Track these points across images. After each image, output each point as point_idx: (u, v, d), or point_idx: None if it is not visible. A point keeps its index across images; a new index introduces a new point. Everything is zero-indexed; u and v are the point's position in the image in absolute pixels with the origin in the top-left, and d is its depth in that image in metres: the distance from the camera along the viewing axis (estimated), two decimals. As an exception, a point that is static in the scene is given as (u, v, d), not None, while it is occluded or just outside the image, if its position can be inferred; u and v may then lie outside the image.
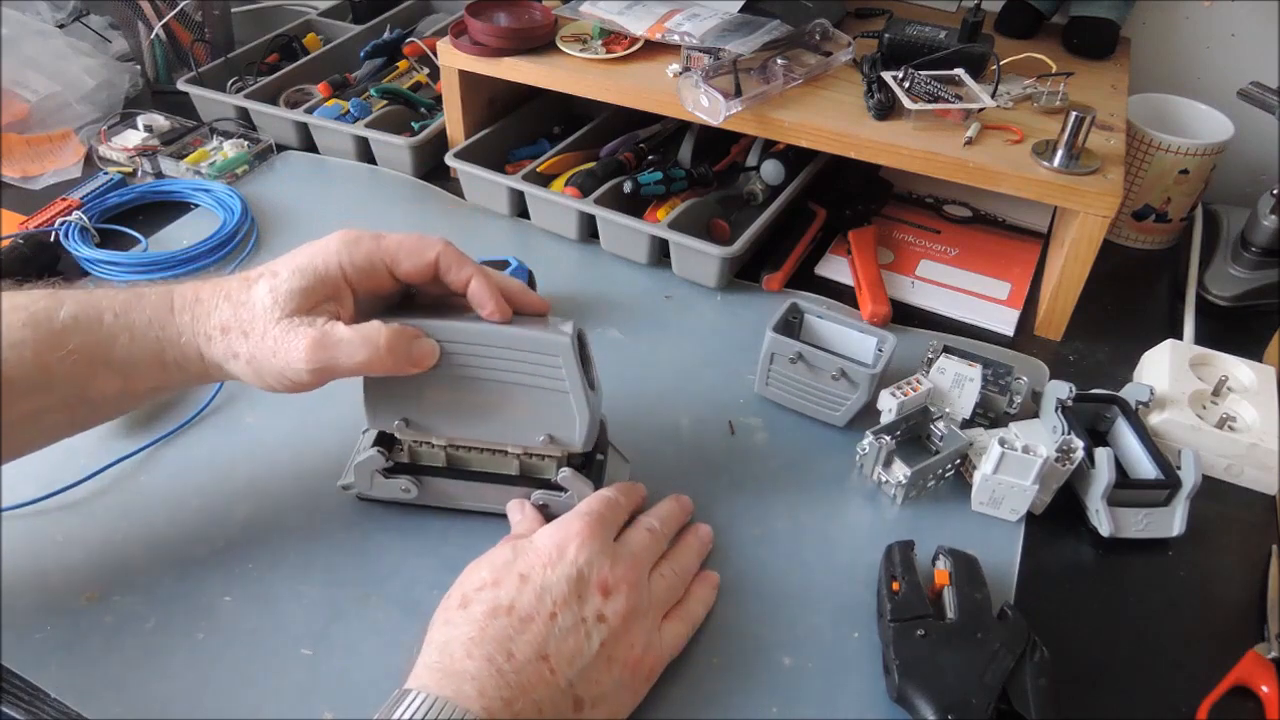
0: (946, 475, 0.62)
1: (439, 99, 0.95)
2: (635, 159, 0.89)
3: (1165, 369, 0.67)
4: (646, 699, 0.49)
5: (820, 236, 0.86)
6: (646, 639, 0.48)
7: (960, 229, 0.89)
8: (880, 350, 0.65)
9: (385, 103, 0.97)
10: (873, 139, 0.73)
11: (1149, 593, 0.57)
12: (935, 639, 0.50)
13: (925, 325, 0.77)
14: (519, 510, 0.56)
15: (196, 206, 0.88)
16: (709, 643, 0.52)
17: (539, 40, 0.84)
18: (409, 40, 1.06)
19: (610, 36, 0.85)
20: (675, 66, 0.81)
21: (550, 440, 0.53)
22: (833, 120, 0.75)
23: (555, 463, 0.55)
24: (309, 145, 0.97)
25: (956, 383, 0.65)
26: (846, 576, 0.56)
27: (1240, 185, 0.92)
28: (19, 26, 1.01)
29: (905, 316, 0.78)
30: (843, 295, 0.80)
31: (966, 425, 0.65)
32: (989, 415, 0.66)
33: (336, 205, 0.89)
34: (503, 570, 0.48)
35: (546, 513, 0.55)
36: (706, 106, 0.75)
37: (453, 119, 0.91)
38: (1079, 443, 0.59)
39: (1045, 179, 0.69)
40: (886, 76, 0.77)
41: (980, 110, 0.75)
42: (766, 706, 0.50)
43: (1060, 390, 0.64)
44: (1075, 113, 0.68)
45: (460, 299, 0.52)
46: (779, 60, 0.80)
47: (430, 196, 0.91)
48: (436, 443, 0.55)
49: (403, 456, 0.56)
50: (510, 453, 0.55)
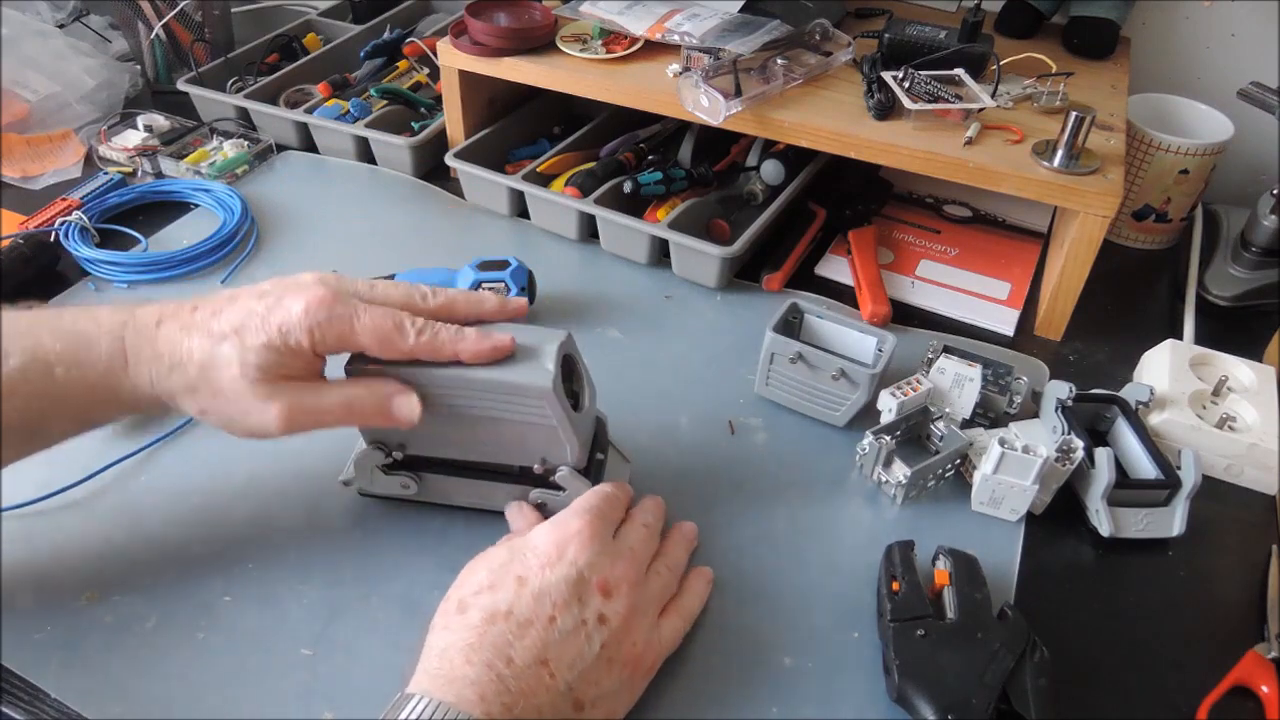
0: (946, 475, 0.62)
1: (439, 99, 0.95)
2: (635, 159, 0.89)
3: (1165, 369, 0.67)
4: (647, 699, 0.49)
5: (820, 236, 0.86)
6: (646, 637, 0.48)
7: (960, 229, 0.89)
8: (880, 350, 0.65)
9: (385, 103, 0.97)
10: (873, 139, 0.73)
11: (1149, 593, 0.57)
12: (935, 639, 0.50)
13: (925, 325, 0.77)
14: (518, 512, 0.56)
15: (196, 206, 0.88)
16: (709, 643, 0.52)
17: (539, 40, 0.84)
18: (409, 40, 1.06)
19: (610, 36, 0.85)
20: (675, 66, 0.81)
21: (544, 462, 0.54)
22: (833, 120, 0.75)
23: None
24: (309, 145, 0.97)
25: (956, 383, 0.65)
26: (846, 576, 0.56)
27: (1240, 185, 0.92)
28: (19, 26, 1.01)
29: (905, 316, 0.78)
30: (843, 295, 0.80)
31: (966, 425, 0.65)
32: (989, 415, 0.66)
33: (336, 205, 0.89)
34: (500, 573, 0.47)
35: (544, 511, 0.55)
36: (706, 106, 0.75)
37: (453, 119, 0.91)
38: (1079, 443, 0.59)
39: (1045, 179, 0.69)
40: (886, 76, 0.77)
41: (980, 110, 0.75)
42: (766, 706, 0.50)
43: (1060, 390, 0.64)
44: (1075, 113, 0.68)
45: None
46: (779, 60, 0.80)
47: (430, 196, 0.91)
48: None
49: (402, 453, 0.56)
50: None
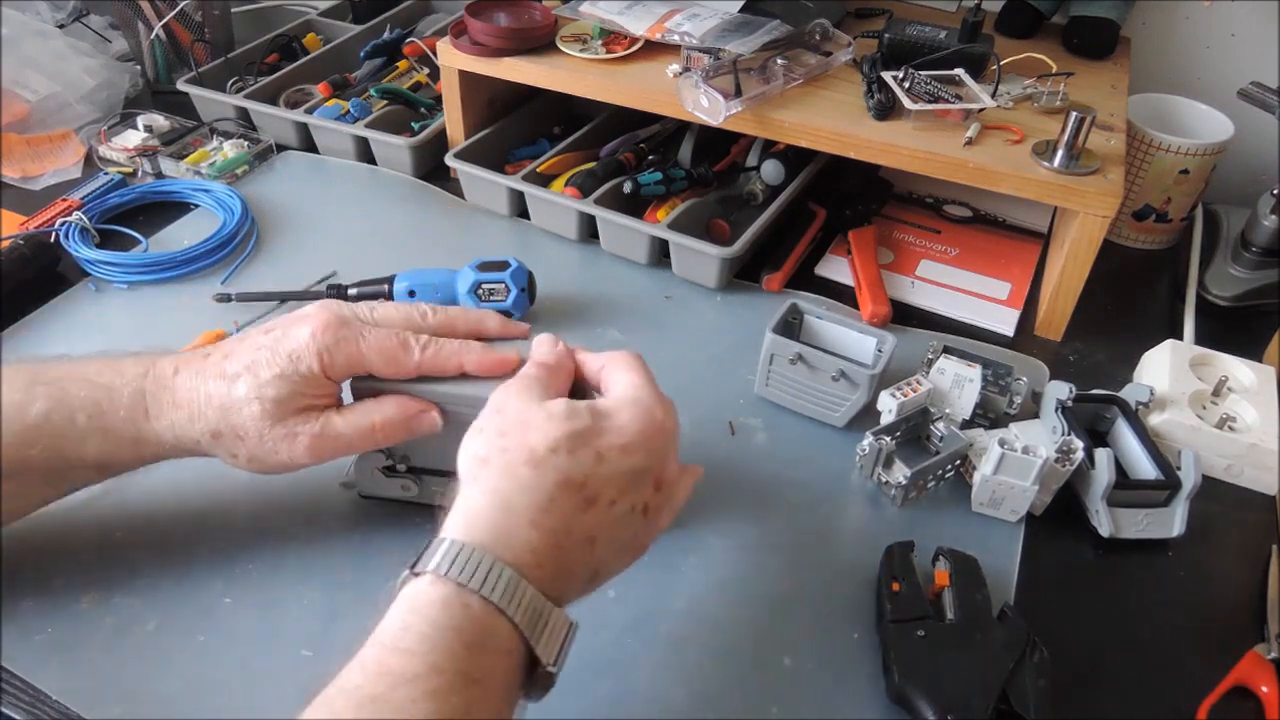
0: (946, 476, 0.62)
1: (439, 99, 0.95)
2: (635, 159, 0.89)
3: (1165, 369, 0.67)
4: (646, 701, 0.49)
5: (820, 236, 0.86)
6: (661, 528, 0.48)
7: (960, 229, 0.88)
8: (880, 350, 0.65)
9: (385, 103, 0.97)
10: (873, 139, 0.73)
11: (1149, 593, 0.57)
12: (935, 639, 0.50)
13: (925, 325, 0.77)
14: (549, 345, 0.50)
15: (196, 207, 0.88)
16: (709, 643, 0.53)
17: (539, 40, 0.84)
18: (409, 40, 1.06)
19: (610, 36, 0.85)
20: (675, 66, 0.81)
21: None
22: (833, 120, 0.75)
23: None
24: (309, 145, 0.97)
25: (956, 383, 0.65)
26: (846, 576, 0.56)
27: (1240, 185, 0.92)
28: (19, 26, 1.01)
29: (905, 316, 0.78)
30: (843, 295, 0.80)
31: (966, 426, 0.65)
32: (989, 416, 0.66)
33: (336, 205, 0.89)
34: (579, 439, 0.43)
35: None
36: (706, 106, 0.75)
37: (453, 119, 0.91)
38: (1079, 443, 0.59)
39: (1045, 179, 0.69)
40: (886, 76, 0.77)
41: (980, 110, 0.75)
42: (766, 706, 0.50)
43: (1060, 391, 0.64)
44: (1075, 113, 0.68)
45: None
46: (779, 60, 0.80)
47: (430, 196, 0.91)
48: None
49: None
50: None
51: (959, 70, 0.79)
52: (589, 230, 0.84)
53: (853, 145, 0.74)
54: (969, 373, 0.65)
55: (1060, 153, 0.69)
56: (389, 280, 0.74)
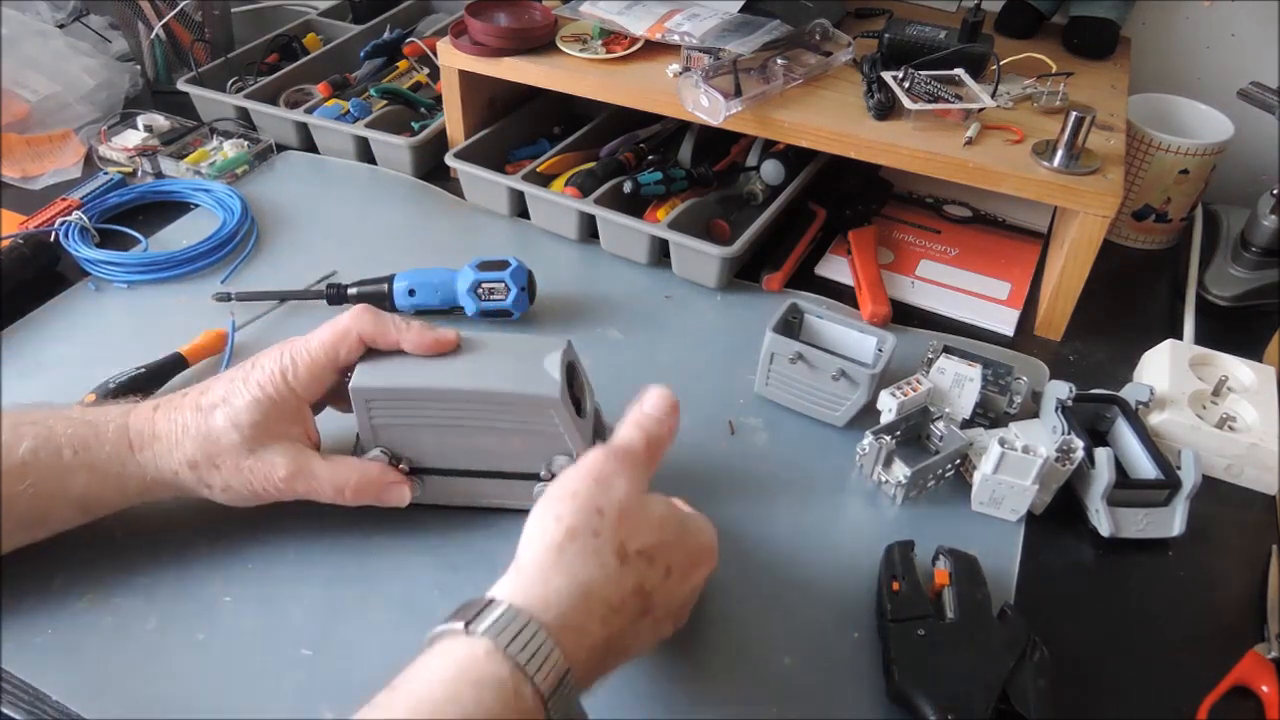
0: (946, 475, 0.62)
1: (439, 99, 0.95)
2: (635, 159, 0.89)
3: (1165, 369, 0.67)
4: (646, 701, 0.49)
5: (820, 236, 0.86)
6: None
7: (960, 229, 0.89)
8: (880, 350, 0.65)
9: (385, 103, 0.97)
10: (873, 139, 0.73)
11: (1149, 593, 0.57)
12: (935, 639, 0.50)
13: (925, 325, 0.77)
14: (665, 408, 0.48)
15: (196, 206, 0.88)
16: (709, 643, 0.52)
17: (539, 40, 0.84)
18: (409, 40, 1.06)
19: (610, 36, 0.85)
20: (675, 66, 0.81)
21: (549, 467, 0.55)
22: (833, 120, 0.75)
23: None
24: (309, 145, 0.97)
25: (956, 383, 0.65)
26: (847, 576, 0.56)
27: (1240, 185, 0.92)
28: (19, 26, 1.01)
29: (905, 316, 0.78)
30: (843, 295, 0.80)
31: (966, 425, 0.65)
32: (989, 415, 0.66)
33: (336, 205, 0.89)
34: (661, 551, 0.42)
35: None
36: (706, 106, 0.75)
37: (453, 119, 0.91)
38: (1079, 443, 0.59)
39: (1045, 179, 0.69)
40: (886, 76, 0.77)
41: (980, 110, 0.75)
42: (766, 706, 0.50)
43: (1060, 390, 0.64)
44: (1075, 113, 0.68)
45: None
46: (779, 60, 0.80)
47: (430, 196, 0.91)
48: None
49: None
50: None
51: (959, 70, 0.79)
52: (589, 230, 0.84)
53: (853, 145, 0.74)
54: (969, 372, 0.65)
55: (1060, 153, 0.69)
56: (389, 280, 0.74)
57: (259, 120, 0.97)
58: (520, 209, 0.88)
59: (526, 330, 0.74)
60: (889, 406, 0.63)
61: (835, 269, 0.83)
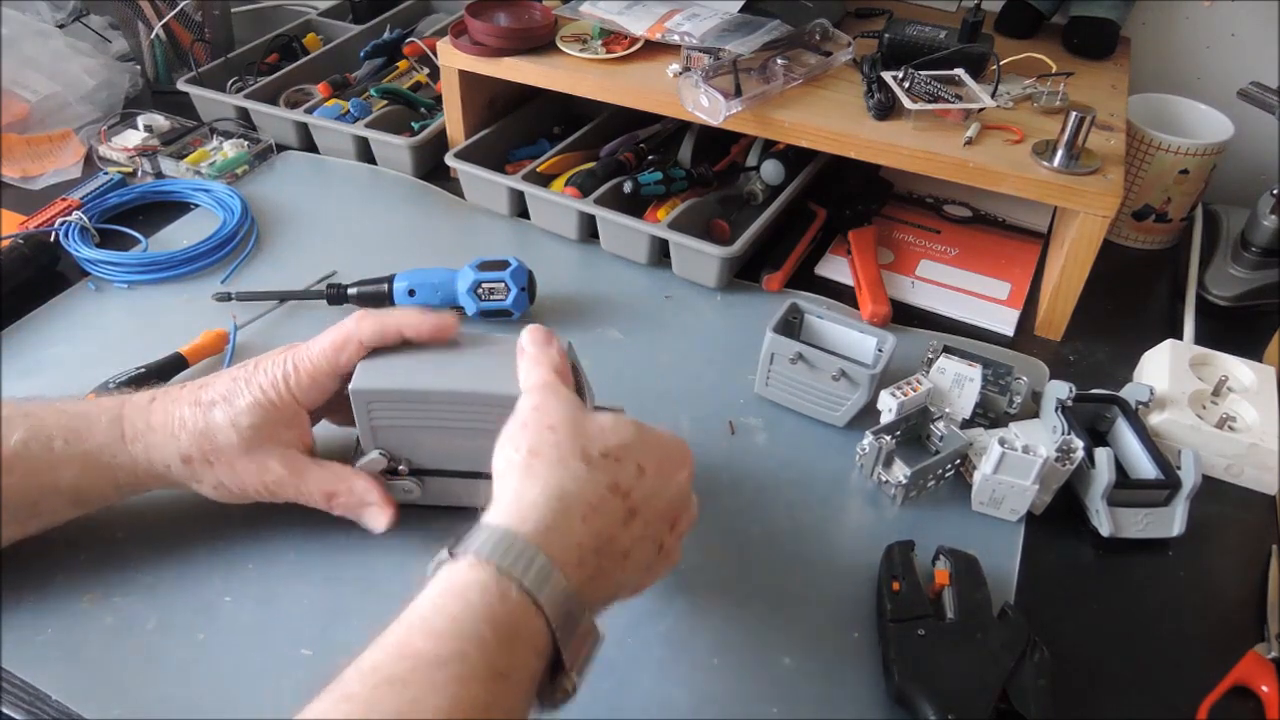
0: (946, 475, 0.62)
1: (439, 99, 0.95)
2: (635, 159, 0.89)
3: (1165, 369, 0.67)
4: (646, 701, 0.49)
5: (820, 236, 0.86)
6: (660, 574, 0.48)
7: (960, 229, 0.89)
8: (880, 350, 0.65)
9: (385, 103, 0.97)
10: (873, 139, 0.73)
11: (1149, 593, 0.57)
12: (935, 639, 0.50)
13: (925, 325, 0.77)
14: (546, 343, 0.50)
15: (196, 206, 0.88)
16: (709, 642, 0.52)
17: (539, 40, 0.84)
18: (409, 40, 1.06)
19: (610, 36, 0.85)
20: (675, 66, 0.81)
21: None
22: (833, 120, 0.75)
23: None
24: (309, 145, 0.97)
25: (956, 383, 0.65)
26: (846, 576, 0.56)
27: (1240, 185, 0.92)
28: (19, 26, 1.01)
29: (905, 316, 0.78)
30: (843, 295, 0.80)
31: (966, 425, 0.65)
32: (989, 415, 0.66)
33: (336, 205, 0.89)
34: (627, 451, 0.44)
35: None
36: (706, 106, 0.75)
37: (453, 119, 0.91)
38: (1079, 443, 0.59)
39: (1045, 179, 0.69)
40: (886, 76, 0.77)
41: (980, 110, 0.75)
42: (766, 707, 0.50)
43: (1060, 390, 0.64)
44: (1075, 113, 0.68)
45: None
46: (779, 60, 0.80)
47: (430, 196, 0.91)
48: None
49: None
50: None
51: (959, 70, 0.79)
52: (589, 230, 0.84)
53: (853, 145, 0.74)
54: (969, 372, 0.65)
55: (1060, 153, 0.69)
56: (389, 280, 0.74)
57: (259, 120, 0.97)
58: (520, 209, 0.88)
59: (526, 330, 0.74)
60: (889, 406, 0.63)
61: (835, 269, 0.83)
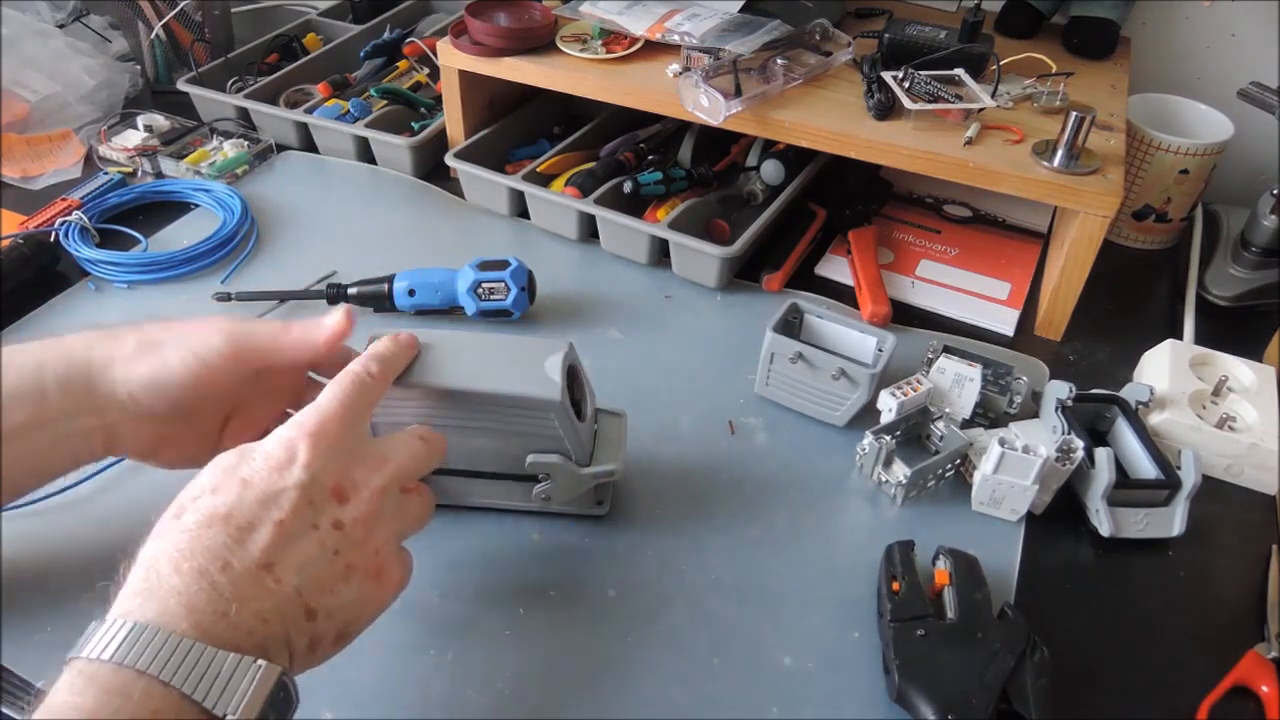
0: (946, 475, 0.62)
1: (439, 99, 0.95)
2: (635, 159, 0.89)
3: (1165, 369, 0.67)
4: (646, 701, 0.49)
5: (820, 236, 0.86)
6: (391, 545, 0.45)
7: (960, 229, 0.89)
8: (880, 350, 0.65)
9: (385, 103, 0.97)
10: (873, 139, 0.73)
11: (1149, 593, 0.57)
12: (935, 639, 0.50)
13: (925, 325, 0.77)
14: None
15: (196, 206, 0.88)
16: (709, 643, 0.53)
17: (539, 40, 0.84)
18: (409, 40, 1.06)
19: (610, 36, 0.85)
20: (675, 66, 0.81)
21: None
22: (833, 120, 0.75)
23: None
24: (309, 145, 0.97)
25: (956, 383, 0.65)
26: (846, 576, 0.56)
27: (1240, 185, 0.92)
28: (19, 26, 1.01)
29: (905, 316, 0.78)
30: (843, 295, 0.80)
31: (966, 425, 0.65)
32: (989, 415, 0.66)
33: (336, 205, 0.89)
34: (224, 476, 0.42)
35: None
36: (706, 106, 0.75)
37: (453, 119, 0.91)
38: (1079, 443, 0.59)
39: (1045, 179, 0.69)
40: (886, 76, 0.77)
41: (980, 110, 0.75)
42: (766, 706, 0.50)
43: (1060, 390, 0.64)
44: (1075, 113, 0.68)
45: None
46: (779, 60, 0.80)
47: (430, 196, 0.91)
48: None
49: None
50: None
51: (959, 70, 0.79)
52: (589, 230, 0.84)
53: (853, 145, 0.74)
54: (969, 372, 0.65)
55: (1060, 153, 0.69)
56: (389, 280, 0.74)
57: (259, 120, 0.97)
58: (520, 209, 0.88)
59: (526, 330, 0.74)
60: (889, 406, 0.63)
61: (835, 269, 0.83)
